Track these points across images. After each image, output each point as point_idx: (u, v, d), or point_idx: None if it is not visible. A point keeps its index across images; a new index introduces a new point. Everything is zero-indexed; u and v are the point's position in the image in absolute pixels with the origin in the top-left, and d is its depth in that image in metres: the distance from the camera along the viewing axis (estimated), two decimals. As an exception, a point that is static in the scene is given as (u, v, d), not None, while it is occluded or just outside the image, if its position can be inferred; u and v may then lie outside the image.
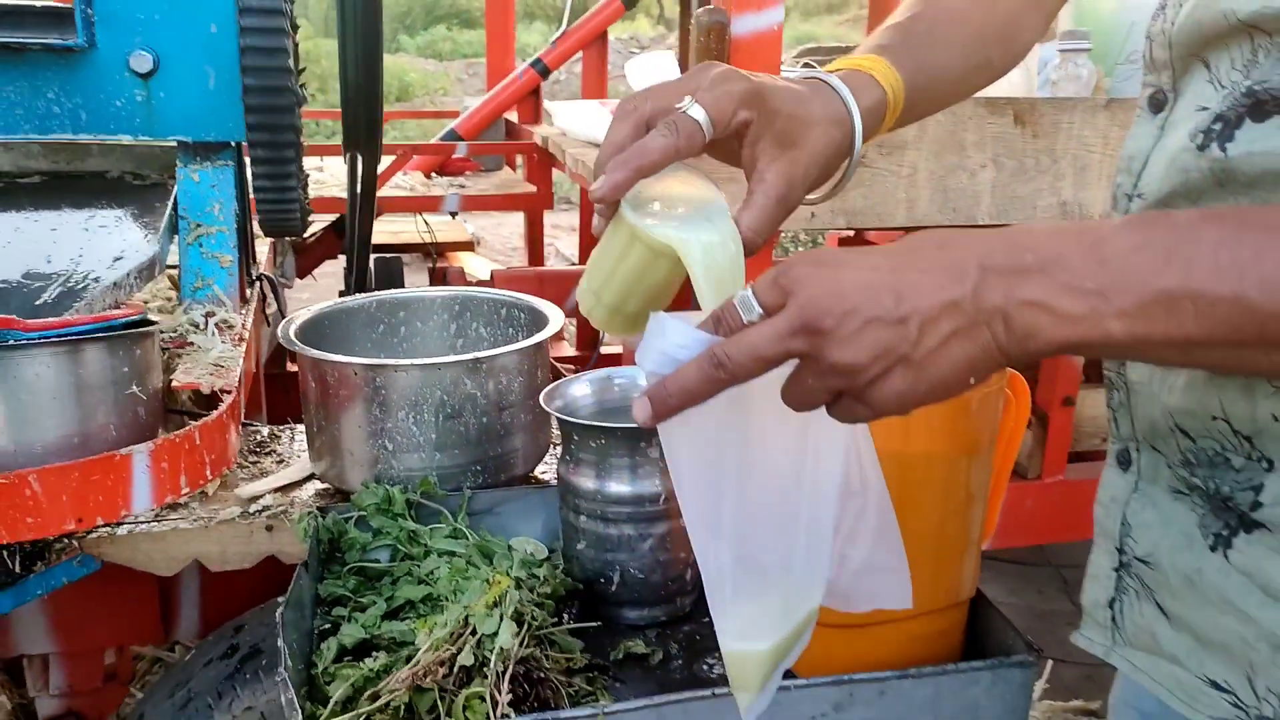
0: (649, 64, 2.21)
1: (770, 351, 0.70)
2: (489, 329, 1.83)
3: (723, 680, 1.26)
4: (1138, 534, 0.87)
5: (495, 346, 1.73)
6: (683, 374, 0.72)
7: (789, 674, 1.27)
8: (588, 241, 3.40)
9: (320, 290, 4.16)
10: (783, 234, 1.64)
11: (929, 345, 0.67)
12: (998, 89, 1.69)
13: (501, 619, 1.12)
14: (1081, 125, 1.55)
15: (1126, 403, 0.88)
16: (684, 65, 2.61)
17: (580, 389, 1.48)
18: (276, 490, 1.58)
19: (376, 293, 1.83)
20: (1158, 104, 0.84)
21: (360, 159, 1.92)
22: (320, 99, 11.76)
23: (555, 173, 2.96)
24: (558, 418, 1.36)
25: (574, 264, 6.04)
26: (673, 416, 0.74)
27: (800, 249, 6.60)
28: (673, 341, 0.73)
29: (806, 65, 2.64)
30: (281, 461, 1.69)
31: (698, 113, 0.81)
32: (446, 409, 1.44)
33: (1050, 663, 2.74)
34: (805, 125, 0.85)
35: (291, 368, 2.57)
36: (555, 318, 1.64)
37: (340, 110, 1.93)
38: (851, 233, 3.35)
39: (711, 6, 1.47)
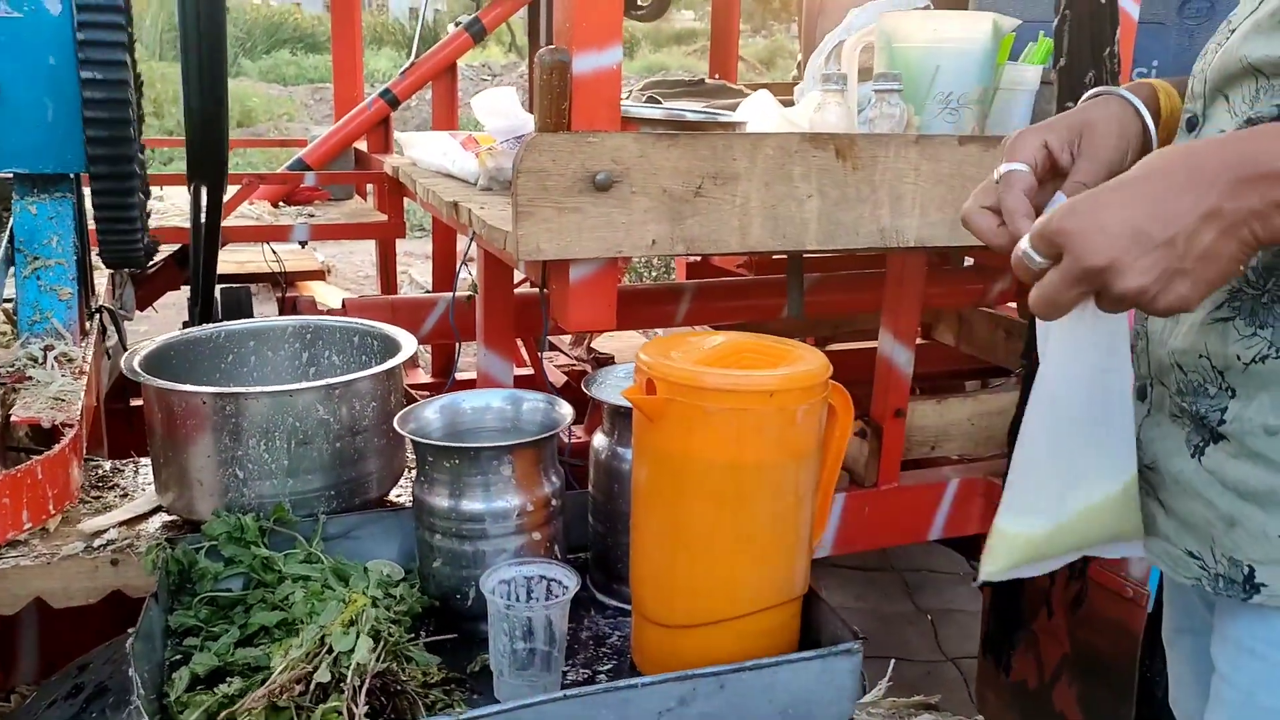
0: (493, 99, 2.27)
1: (1064, 299, 0.85)
2: (341, 356, 1.85)
3: (573, 685, 1.32)
4: (1145, 447, 1.10)
5: (348, 374, 1.75)
6: None
7: (635, 672, 1.34)
8: (440, 269, 3.42)
9: (160, 322, 4.04)
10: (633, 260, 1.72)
11: (1197, 253, 0.79)
12: (824, 126, 1.81)
13: (358, 636, 1.16)
14: (896, 159, 1.68)
15: (1145, 349, 1.10)
16: (532, 98, 2.67)
17: (432, 412, 1.52)
18: (121, 524, 1.56)
19: (224, 323, 1.82)
20: (1191, 125, 1.05)
21: (205, 189, 1.92)
22: (155, 125, 11.34)
23: (407, 201, 2.98)
24: (412, 439, 1.40)
25: (428, 291, 6.01)
26: None
27: (651, 274, 6.71)
28: None
29: (651, 99, 2.74)
30: (126, 496, 1.67)
31: (1018, 167, 1.01)
32: (299, 435, 1.45)
33: (893, 661, 2.88)
34: (1104, 143, 1.04)
35: (135, 401, 2.51)
36: (408, 344, 1.67)
37: (184, 138, 1.91)
38: (698, 258, 3.47)
39: (554, 46, 1.54)
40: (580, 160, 1.53)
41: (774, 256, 3.18)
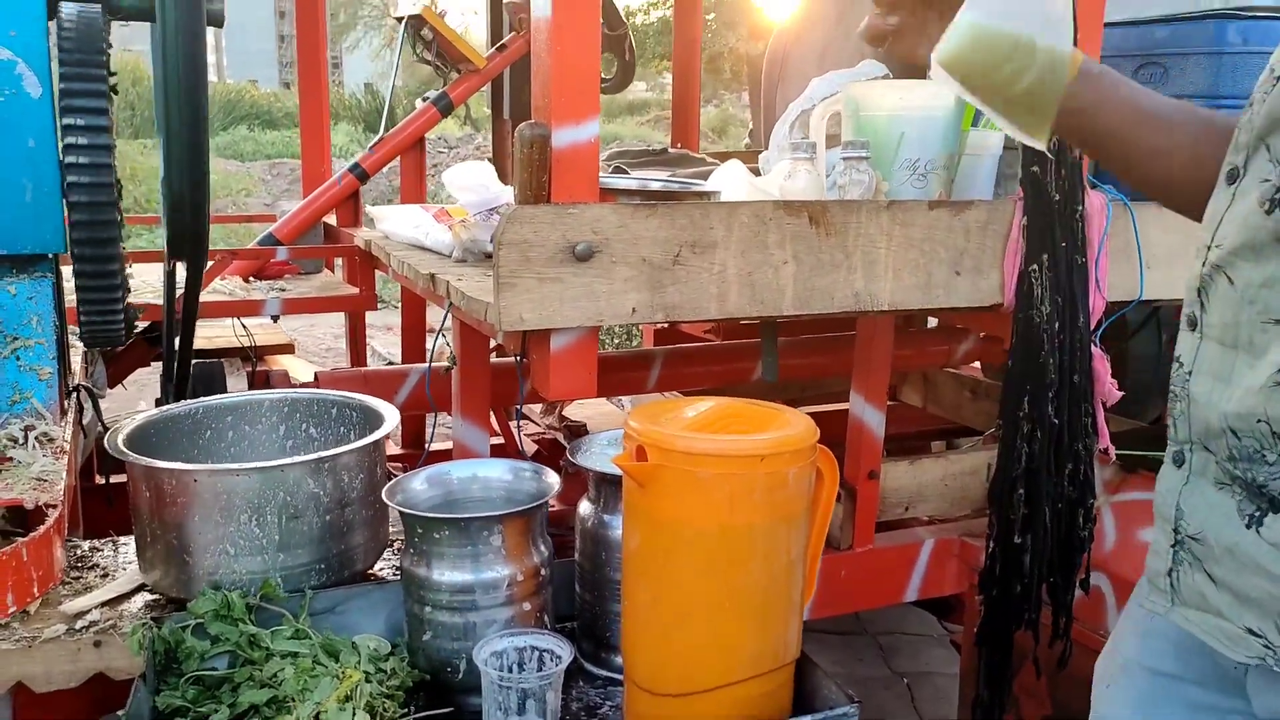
0: (465, 173, 2.30)
1: None
2: (319, 429, 1.85)
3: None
4: (1188, 518, 1.07)
5: (327, 446, 1.74)
6: None
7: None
8: (408, 340, 3.43)
9: (123, 398, 4.00)
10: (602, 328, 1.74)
11: None
12: (795, 193, 1.86)
13: (354, 712, 1.15)
14: (867, 224, 1.72)
15: (1187, 412, 1.07)
16: (504, 172, 2.72)
17: (419, 483, 1.52)
18: (103, 604, 1.54)
19: (202, 399, 1.82)
20: (1232, 178, 1.04)
21: (185, 266, 1.92)
22: (114, 201, 11.26)
23: (377, 274, 3.00)
24: (401, 511, 1.40)
25: (391, 362, 6.00)
26: None
27: (614, 340, 6.76)
28: None
29: (617, 169, 2.79)
30: (105, 575, 1.65)
31: None
32: (290, 510, 1.45)
33: (871, 726, 2.88)
34: None
35: (117, 478, 2.48)
36: (390, 414, 1.68)
37: (151, 215, 1.92)
38: (665, 325, 3.51)
39: (534, 121, 1.57)
40: (561, 231, 1.56)
41: (742, 322, 3.22)
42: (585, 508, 1.57)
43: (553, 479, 1.52)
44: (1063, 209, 1.79)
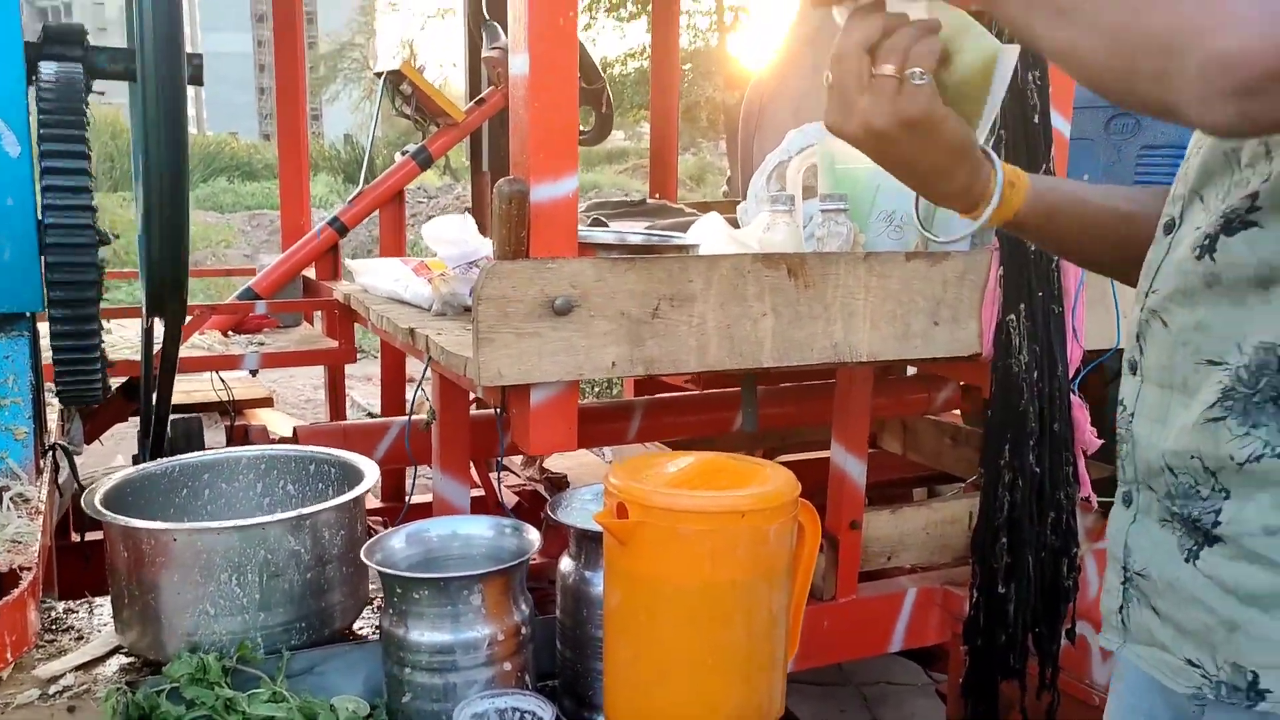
0: (444, 226, 2.30)
1: None
2: (297, 486, 1.84)
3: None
4: (1135, 555, 1.09)
5: (305, 503, 1.73)
6: None
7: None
8: (388, 392, 3.41)
9: (99, 454, 3.96)
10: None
11: None
12: (774, 245, 1.87)
13: (334, 778, 1.13)
14: (846, 276, 1.74)
15: (1132, 453, 1.10)
16: (483, 224, 2.73)
17: (398, 541, 1.51)
18: (78, 668, 1.52)
19: (179, 456, 1.81)
20: (1169, 228, 1.08)
21: (164, 323, 1.91)
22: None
23: (356, 326, 2.99)
24: (380, 571, 1.39)
25: (370, 414, 5.97)
26: None
27: (593, 389, 6.75)
28: None
29: (596, 220, 2.81)
30: (80, 638, 1.62)
31: None
32: (270, 568, 1.44)
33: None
34: None
35: (89, 536, 2.45)
36: (370, 469, 1.67)
37: (141, 272, 1.91)
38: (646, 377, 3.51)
39: (512, 177, 1.59)
40: (539, 286, 1.57)
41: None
42: (566, 564, 1.56)
43: (533, 536, 1.51)
44: (1039, 259, 1.81)
